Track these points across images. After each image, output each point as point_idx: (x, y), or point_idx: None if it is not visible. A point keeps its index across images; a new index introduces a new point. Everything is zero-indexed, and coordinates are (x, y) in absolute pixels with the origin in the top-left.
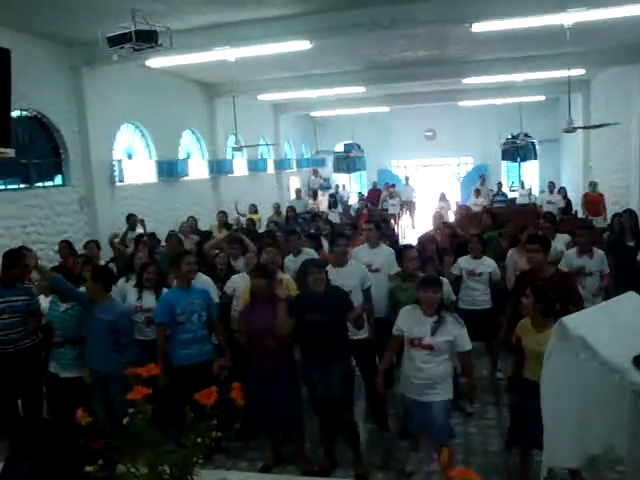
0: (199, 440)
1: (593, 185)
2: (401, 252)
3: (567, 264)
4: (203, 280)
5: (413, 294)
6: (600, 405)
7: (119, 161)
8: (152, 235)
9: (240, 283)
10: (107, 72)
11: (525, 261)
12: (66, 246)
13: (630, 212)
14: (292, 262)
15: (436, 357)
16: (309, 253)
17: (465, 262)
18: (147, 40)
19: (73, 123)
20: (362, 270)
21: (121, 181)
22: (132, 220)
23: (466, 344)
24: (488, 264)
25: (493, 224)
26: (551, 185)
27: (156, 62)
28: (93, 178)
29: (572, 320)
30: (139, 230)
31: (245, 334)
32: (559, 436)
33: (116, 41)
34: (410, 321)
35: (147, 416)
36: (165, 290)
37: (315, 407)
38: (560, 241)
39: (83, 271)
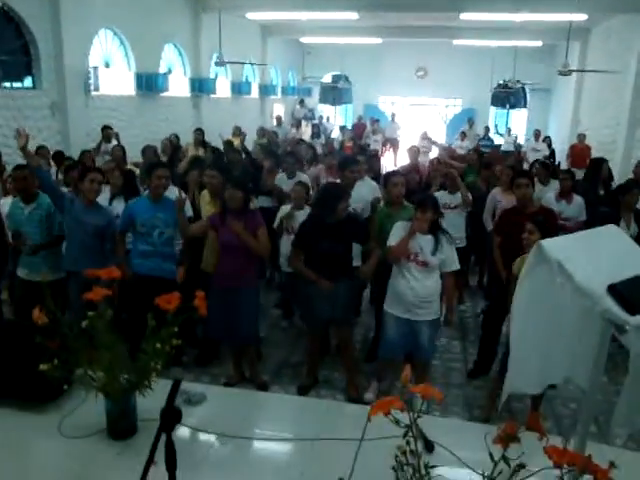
0: (159, 346)
1: (581, 137)
2: (386, 179)
3: None
4: (175, 193)
5: (400, 220)
6: (567, 333)
7: (95, 68)
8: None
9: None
10: None
11: (508, 200)
12: (46, 152)
13: (605, 161)
14: (284, 183)
15: (430, 274)
16: (301, 176)
17: (441, 195)
18: None
19: (45, 21)
20: (372, 186)
21: (96, 90)
22: (107, 132)
23: (454, 264)
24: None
25: (477, 163)
26: (537, 133)
27: None
28: (66, 83)
29: (551, 244)
30: (114, 142)
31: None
32: (523, 362)
33: None
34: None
35: (106, 318)
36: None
37: (311, 324)
38: (554, 187)
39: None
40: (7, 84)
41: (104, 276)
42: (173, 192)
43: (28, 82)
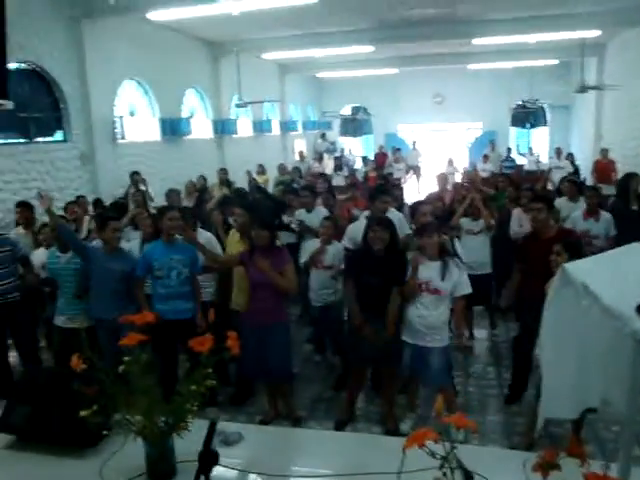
0: (194, 388)
1: (604, 152)
2: (414, 209)
3: (573, 226)
4: (205, 237)
5: None
6: (599, 356)
7: (121, 117)
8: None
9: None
10: (108, 25)
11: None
12: (83, 202)
13: (637, 175)
14: (305, 217)
15: (440, 302)
16: (322, 210)
17: (464, 222)
18: None
19: (73, 77)
20: (399, 217)
21: (123, 138)
22: (135, 178)
23: (465, 288)
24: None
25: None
26: (558, 150)
27: (157, 15)
28: (94, 134)
29: (575, 266)
30: (142, 188)
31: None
32: (557, 387)
33: None
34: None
35: (141, 363)
36: None
37: (356, 361)
38: (583, 205)
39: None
40: (40, 139)
41: (138, 322)
42: (203, 235)
43: (59, 136)
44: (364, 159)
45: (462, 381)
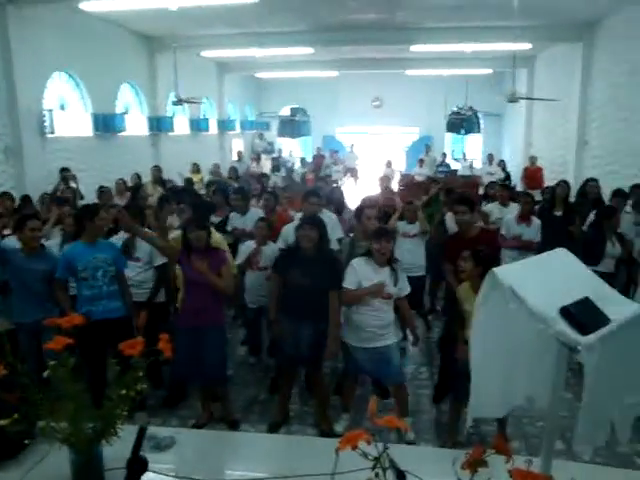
0: (124, 392)
1: (532, 159)
2: (359, 212)
3: (506, 230)
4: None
5: None
6: (525, 356)
7: (50, 111)
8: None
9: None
10: (37, 14)
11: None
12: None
13: (565, 182)
14: (237, 220)
15: (390, 304)
16: (257, 212)
17: (400, 225)
18: None
19: None
20: (332, 220)
21: (52, 132)
22: (65, 175)
23: (407, 288)
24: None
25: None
26: (490, 157)
27: (90, 5)
28: (20, 126)
29: (502, 270)
30: (72, 185)
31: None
32: (485, 387)
33: None
34: (368, 271)
35: (68, 367)
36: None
37: (283, 362)
38: (514, 210)
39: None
40: None
41: (65, 324)
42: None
43: None
44: (302, 160)
45: None
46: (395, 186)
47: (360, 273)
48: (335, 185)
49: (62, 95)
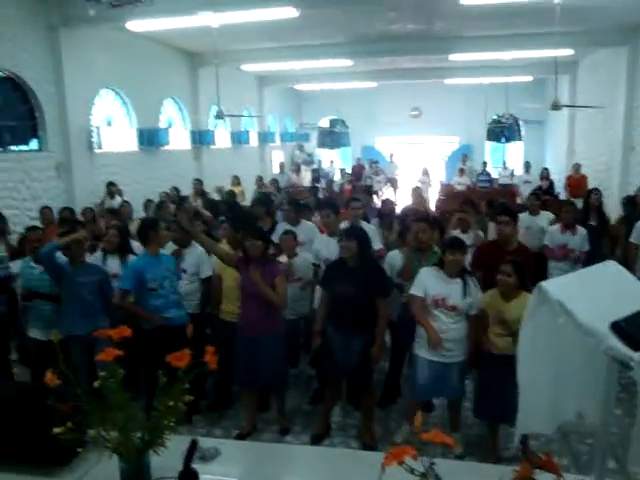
0: (171, 403)
1: (576, 167)
2: (404, 224)
3: (551, 240)
4: (197, 252)
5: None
6: (575, 371)
7: (98, 127)
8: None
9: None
10: (86, 34)
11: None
12: (49, 212)
13: (598, 190)
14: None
15: (458, 318)
16: (307, 224)
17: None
18: None
19: (50, 85)
20: (372, 230)
21: (100, 148)
22: (110, 189)
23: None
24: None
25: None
26: (527, 164)
27: (136, 25)
28: (70, 143)
29: (551, 285)
30: (117, 199)
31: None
32: (534, 402)
33: None
34: (434, 281)
35: (118, 378)
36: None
37: (330, 373)
38: (544, 218)
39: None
40: (14, 147)
41: (115, 336)
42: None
43: (34, 144)
44: (342, 171)
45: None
46: (434, 195)
47: (427, 281)
48: (386, 198)
49: (109, 112)
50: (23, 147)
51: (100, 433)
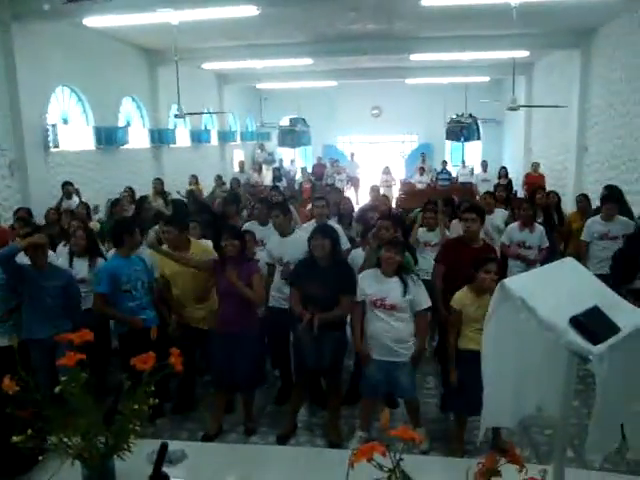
0: (136, 407)
1: (535, 166)
2: (368, 224)
3: (508, 237)
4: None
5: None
6: (536, 365)
7: (53, 125)
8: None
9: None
10: (40, 30)
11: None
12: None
13: (543, 189)
14: (256, 230)
15: (401, 316)
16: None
17: (421, 233)
18: None
19: (1, 82)
20: (338, 230)
21: (56, 147)
22: (67, 189)
23: (424, 302)
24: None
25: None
26: (484, 163)
27: (93, 21)
28: (25, 142)
29: (513, 282)
30: (75, 199)
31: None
32: (497, 397)
33: None
34: (371, 282)
35: (80, 383)
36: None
37: (299, 373)
38: (499, 216)
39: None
40: None
41: (77, 340)
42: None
43: None
44: (303, 170)
45: None
46: (395, 193)
47: (364, 283)
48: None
49: (65, 110)
50: None
51: (62, 439)
